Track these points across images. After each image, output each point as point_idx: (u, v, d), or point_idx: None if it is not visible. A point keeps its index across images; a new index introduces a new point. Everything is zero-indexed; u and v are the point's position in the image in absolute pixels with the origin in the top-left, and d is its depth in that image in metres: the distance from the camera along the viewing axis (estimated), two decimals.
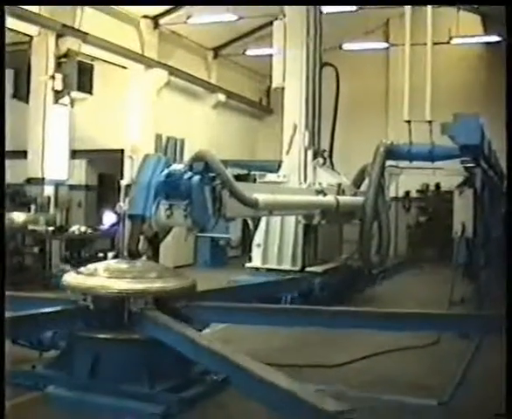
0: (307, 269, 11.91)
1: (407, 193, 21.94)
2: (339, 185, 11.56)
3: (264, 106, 24.18)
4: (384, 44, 21.89)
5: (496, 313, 5.12)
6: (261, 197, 7.34)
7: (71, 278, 6.62)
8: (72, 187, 16.46)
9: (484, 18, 19.65)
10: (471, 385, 6.47)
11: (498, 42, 17.72)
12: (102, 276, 6.45)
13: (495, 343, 4.71)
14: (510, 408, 3.56)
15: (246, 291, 8.86)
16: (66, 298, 6.52)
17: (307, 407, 4.11)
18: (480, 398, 6.09)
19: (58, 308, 6.31)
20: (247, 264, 12.39)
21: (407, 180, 20.17)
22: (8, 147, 16.22)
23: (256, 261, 12.28)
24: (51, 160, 15.00)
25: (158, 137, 16.88)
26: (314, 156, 12.49)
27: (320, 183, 11.60)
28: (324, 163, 12.59)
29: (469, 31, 19.17)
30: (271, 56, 13.13)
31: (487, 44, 19.80)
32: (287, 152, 12.53)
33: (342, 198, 10.90)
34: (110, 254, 8.47)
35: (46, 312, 6.18)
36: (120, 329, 6.17)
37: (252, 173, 17.91)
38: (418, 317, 6.46)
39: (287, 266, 11.98)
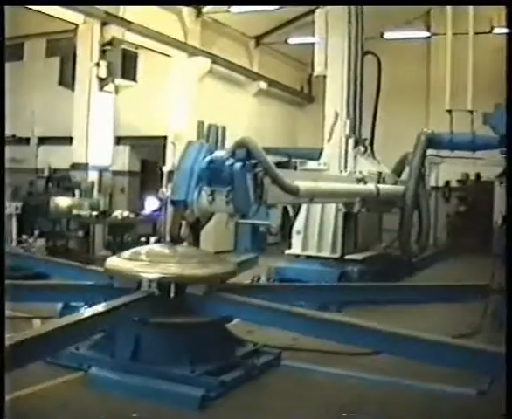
0: (347, 257, 11.82)
1: (447, 182, 21.63)
2: (379, 173, 11.43)
3: (305, 94, 24.06)
4: (426, 34, 21.59)
5: None
6: (302, 185, 7.29)
7: (114, 261, 6.67)
8: (115, 172, 16.62)
9: None
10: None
11: None
12: (145, 260, 6.46)
13: None
14: (510, 408, 3.52)
15: (284, 292, 8.55)
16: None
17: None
18: None
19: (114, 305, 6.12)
20: (287, 251, 12.30)
21: (448, 169, 19.94)
22: (54, 133, 16.46)
23: (296, 248, 12.20)
24: (95, 146, 15.17)
25: (200, 124, 16.78)
26: (356, 144, 12.36)
27: (360, 172, 11.47)
28: (365, 152, 12.47)
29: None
30: (312, 44, 13.02)
31: None
32: (328, 140, 12.43)
33: (382, 187, 10.79)
34: (152, 239, 8.56)
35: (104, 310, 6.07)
36: (163, 312, 6.19)
37: (293, 160, 17.84)
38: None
39: (326, 253, 11.89)
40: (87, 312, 5.82)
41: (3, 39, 4.45)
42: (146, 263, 6.43)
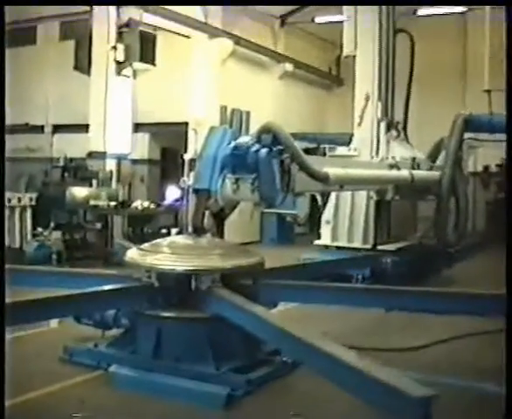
0: (379, 247, 11.78)
1: (486, 168, 21.41)
2: (413, 159, 11.37)
3: (333, 75, 23.95)
4: (462, 8, 21.33)
5: None
6: (332, 171, 7.30)
7: (134, 254, 6.70)
8: (134, 161, 16.70)
9: None
10: None
11: None
12: (166, 252, 6.50)
13: None
14: (510, 409, 3.57)
15: (316, 269, 8.82)
16: (128, 275, 6.58)
17: (389, 390, 3.89)
18: None
19: (122, 286, 6.38)
20: (316, 242, 12.32)
21: (486, 153, 19.71)
22: (69, 120, 16.55)
23: (325, 238, 12.20)
24: (113, 133, 15.20)
25: (223, 109, 16.82)
26: (388, 128, 12.30)
27: (393, 157, 11.42)
28: (398, 136, 12.41)
29: None
30: (341, 23, 12.96)
31: None
32: (359, 124, 12.39)
33: (416, 173, 10.74)
34: (174, 230, 8.55)
35: (110, 289, 6.28)
36: (184, 307, 6.19)
37: (322, 146, 17.80)
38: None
39: (357, 244, 11.87)
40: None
41: (3, 39, 4.61)
42: (167, 255, 6.47)
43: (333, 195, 12.00)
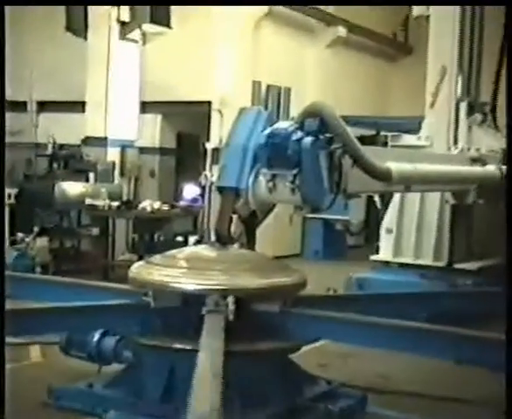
0: (456, 266, 11.68)
1: None
2: (504, 151, 11.25)
3: (399, 42, 23.88)
4: None
5: None
6: (395, 167, 7.12)
7: (142, 268, 6.70)
8: (142, 150, 16.83)
9: None
10: None
11: None
12: (183, 267, 6.49)
13: None
14: (510, 409, 3.94)
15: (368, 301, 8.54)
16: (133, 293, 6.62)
17: None
18: None
19: (118, 302, 6.50)
20: (373, 257, 12.28)
21: None
22: (60, 96, 16.66)
23: (385, 252, 12.13)
24: (116, 114, 15.33)
25: (256, 85, 17.01)
26: (470, 111, 12.22)
27: (477, 148, 11.32)
28: (484, 121, 12.32)
29: None
30: None
31: None
32: (432, 105, 12.31)
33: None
34: (192, 238, 8.58)
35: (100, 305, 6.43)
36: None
37: (383, 134, 17.72)
38: None
39: (427, 261, 11.80)
40: None
41: (3, 39, 5.10)
42: (184, 270, 6.45)
43: (396, 198, 11.95)
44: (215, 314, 6.08)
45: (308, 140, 6.40)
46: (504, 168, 10.52)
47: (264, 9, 17.93)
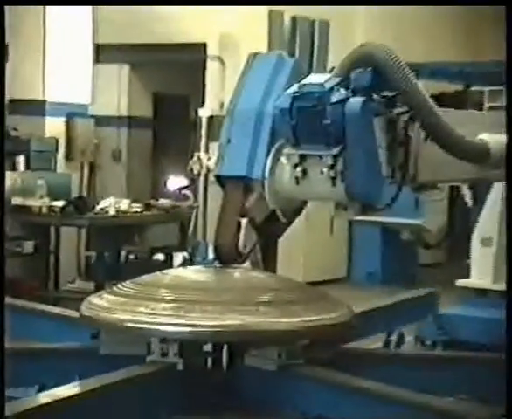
0: None
1: None
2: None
3: None
4: None
5: None
6: (495, 142, 5.58)
7: (100, 303, 5.57)
8: (100, 120, 14.40)
9: None
10: None
11: None
12: (164, 300, 5.32)
13: None
14: (510, 409, 4.04)
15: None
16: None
17: None
18: None
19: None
20: (460, 282, 10.21)
21: None
22: None
23: (480, 275, 10.13)
24: (58, 63, 13.20)
25: (276, 17, 13.66)
26: None
27: None
28: None
29: None
30: None
31: None
32: None
33: None
34: (178, 255, 6.81)
35: None
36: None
37: (475, 88, 16.15)
38: None
39: None
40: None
41: (3, 39, 5.38)
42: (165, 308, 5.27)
43: (496, 192, 9.87)
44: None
45: (357, 101, 5.04)
46: None
47: None
